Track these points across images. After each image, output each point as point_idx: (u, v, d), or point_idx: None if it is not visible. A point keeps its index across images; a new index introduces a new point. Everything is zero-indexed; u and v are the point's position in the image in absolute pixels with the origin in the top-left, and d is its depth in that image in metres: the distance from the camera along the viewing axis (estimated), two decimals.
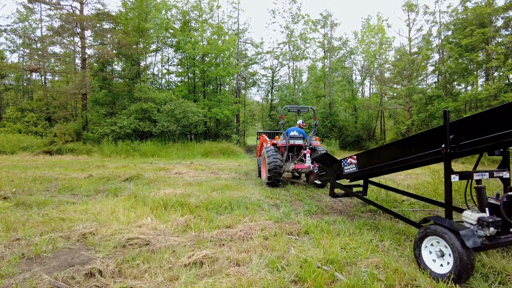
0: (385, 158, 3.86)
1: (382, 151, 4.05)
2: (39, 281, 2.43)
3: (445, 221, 2.76)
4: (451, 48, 17.18)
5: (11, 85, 26.84)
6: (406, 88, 20.51)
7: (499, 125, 2.65)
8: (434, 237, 2.70)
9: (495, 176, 3.27)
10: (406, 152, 3.49)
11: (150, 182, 7.36)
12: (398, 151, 3.69)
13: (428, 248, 2.78)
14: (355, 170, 4.38)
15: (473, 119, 2.93)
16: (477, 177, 3.10)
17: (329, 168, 5.25)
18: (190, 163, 12.51)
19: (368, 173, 4.29)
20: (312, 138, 7.70)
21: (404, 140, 3.66)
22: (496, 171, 3.28)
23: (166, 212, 4.53)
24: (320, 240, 3.43)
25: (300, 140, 7.56)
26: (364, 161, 4.25)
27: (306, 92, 27.72)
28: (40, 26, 25.75)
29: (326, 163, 5.38)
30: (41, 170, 9.37)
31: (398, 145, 3.81)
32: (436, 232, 2.66)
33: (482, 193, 3.05)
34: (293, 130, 7.82)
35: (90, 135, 18.14)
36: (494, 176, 3.27)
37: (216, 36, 23.42)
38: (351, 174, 4.54)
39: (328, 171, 5.29)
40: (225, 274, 2.60)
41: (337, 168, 4.93)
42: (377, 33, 28.26)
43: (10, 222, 3.90)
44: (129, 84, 21.05)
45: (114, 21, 20.35)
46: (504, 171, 3.29)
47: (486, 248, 2.71)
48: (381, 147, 4.06)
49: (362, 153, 4.33)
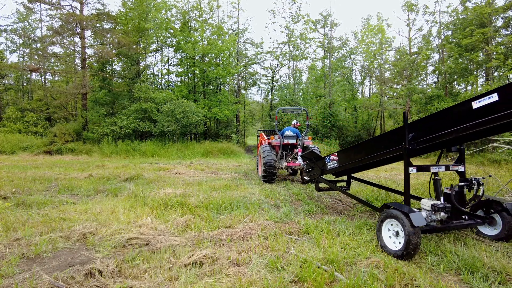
0: (360, 155, 4.32)
1: (358, 148, 4.51)
2: (39, 281, 2.43)
3: (401, 206, 3.22)
4: (451, 48, 17.18)
5: (11, 85, 26.83)
6: (406, 88, 20.51)
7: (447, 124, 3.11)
8: (392, 219, 3.18)
9: (451, 169, 3.75)
10: (377, 149, 3.95)
11: (150, 182, 7.36)
12: (370, 148, 4.13)
13: (387, 229, 3.26)
14: (336, 166, 4.87)
15: (427, 119, 3.37)
16: (434, 170, 3.61)
17: (315, 165, 5.69)
18: (190, 163, 12.51)
19: (347, 168, 4.77)
20: (305, 137, 8.23)
21: (374, 138, 4.21)
22: (452, 165, 3.77)
23: (166, 212, 4.53)
24: (320, 240, 3.43)
25: (294, 139, 8.17)
26: (343, 158, 4.74)
27: (306, 92, 27.71)
28: (40, 26, 25.76)
29: (312, 160, 5.85)
30: (41, 170, 9.37)
31: (370, 143, 4.28)
32: (393, 215, 3.13)
33: (437, 184, 3.60)
34: (288, 129, 8.40)
35: (90, 135, 18.13)
36: (450, 170, 3.75)
37: (216, 36, 23.41)
38: (333, 170, 5.05)
39: (314, 168, 5.73)
40: (225, 274, 2.60)
41: (321, 164, 5.40)
42: (377, 33, 28.26)
43: (10, 222, 3.90)
44: (129, 84, 21.04)
45: (114, 21, 20.34)
46: (459, 166, 3.77)
47: (437, 230, 3.31)
48: (357, 144, 4.55)
49: (341, 150, 4.86)
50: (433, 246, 3.22)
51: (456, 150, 3.79)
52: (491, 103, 2.78)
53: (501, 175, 5.90)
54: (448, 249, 3.09)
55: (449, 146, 3.71)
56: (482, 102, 2.85)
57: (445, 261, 2.86)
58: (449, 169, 3.73)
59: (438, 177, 3.64)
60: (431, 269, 2.78)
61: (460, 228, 3.51)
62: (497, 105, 2.72)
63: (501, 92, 2.71)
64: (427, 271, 2.69)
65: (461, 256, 2.89)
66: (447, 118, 3.15)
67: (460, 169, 3.78)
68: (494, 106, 2.74)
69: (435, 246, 3.24)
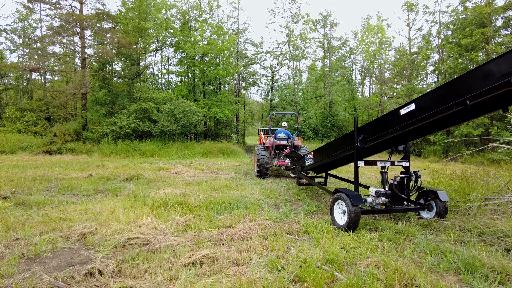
0: (327, 154, 5.20)
1: (326, 147, 5.38)
2: (39, 281, 2.43)
3: (347, 190, 4.04)
4: (450, 48, 17.18)
5: (10, 85, 26.80)
6: (405, 88, 20.51)
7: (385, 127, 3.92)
8: (340, 200, 4.02)
9: (396, 164, 4.57)
10: (339, 148, 4.82)
11: (150, 182, 7.36)
12: (334, 148, 5.00)
13: (337, 208, 4.13)
14: (312, 163, 5.79)
15: (372, 123, 4.24)
16: (380, 164, 4.44)
17: (297, 163, 6.71)
18: (190, 163, 12.51)
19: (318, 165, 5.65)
20: (295, 138, 9.25)
21: (337, 139, 5.05)
22: (398, 161, 4.59)
23: (165, 212, 4.53)
24: (319, 240, 3.43)
25: (285, 141, 9.15)
26: (316, 156, 5.61)
27: (306, 92, 27.72)
28: (40, 26, 25.73)
29: (294, 159, 6.94)
30: (41, 170, 9.36)
31: (334, 143, 5.13)
32: (341, 197, 3.98)
33: (383, 176, 4.47)
34: (280, 132, 9.41)
35: (90, 135, 18.12)
36: (396, 165, 4.57)
37: (216, 35, 23.40)
38: (309, 166, 5.97)
39: (296, 165, 6.77)
40: (224, 274, 2.60)
41: (302, 162, 6.33)
42: (376, 33, 28.27)
43: (10, 222, 3.90)
44: (129, 84, 21.03)
45: (114, 21, 20.32)
46: (404, 161, 4.59)
47: (380, 212, 4.22)
48: (325, 145, 5.47)
49: (315, 150, 5.73)
50: (433, 246, 3.22)
51: (403, 148, 4.57)
52: (411, 111, 3.59)
53: (501, 175, 5.89)
54: (448, 249, 3.09)
55: (393, 145, 4.47)
56: (406, 110, 3.65)
57: (445, 261, 2.86)
58: (394, 164, 4.53)
59: (385, 170, 4.45)
60: (431, 269, 2.78)
61: (401, 211, 4.32)
62: (414, 112, 3.55)
63: (417, 102, 3.55)
64: (427, 271, 2.69)
65: (460, 256, 2.89)
66: (385, 122, 3.98)
67: (404, 165, 4.57)
68: (413, 113, 3.57)
69: (434, 246, 3.24)
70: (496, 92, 2.85)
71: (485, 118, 14.69)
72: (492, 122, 15.22)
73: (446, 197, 4.17)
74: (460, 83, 3.22)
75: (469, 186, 5.42)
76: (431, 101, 3.45)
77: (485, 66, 3.00)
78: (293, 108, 25.21)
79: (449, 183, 5.73)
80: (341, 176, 6.59)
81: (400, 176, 4.41)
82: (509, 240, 3.25)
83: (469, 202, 4.74)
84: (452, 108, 3.18)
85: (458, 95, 3.16)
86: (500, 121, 15.16)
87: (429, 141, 18.28)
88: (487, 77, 2.94)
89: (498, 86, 2.81)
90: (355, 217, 3.69)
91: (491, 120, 15.31)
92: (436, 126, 3.78)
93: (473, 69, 3.14)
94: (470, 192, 5.13)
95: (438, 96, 3.41)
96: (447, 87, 3.35)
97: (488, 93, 2.90)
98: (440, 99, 3.34)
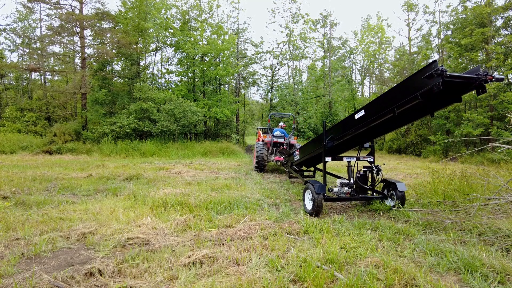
0: (308, 151, 6.18)
1: (306, 146, 6.41)
2: (39, 281, 2.43)
3: (313, 181, 4.84)
4: (450, 47, 17.18)
5: (10, 85, 26.78)
6: None
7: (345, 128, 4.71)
8: (308, 190, 4.86)
9: (361, 160, 5.24)
10: (313, 147, 5.79)
11: (150, 182, 7.36)
12: (311, 146, 6.00)
13: (307, 196, 4.95)
14: (298, 159, 6.85)
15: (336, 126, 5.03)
16: (346, 160, 5.19)
17: (287, 158, 8.04)
18: (190, 162, 12.51)
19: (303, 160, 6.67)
20: (291, 137, 10.48)
21: (313, 139, 6.07)
22: (363, 157, 5.24)
23: (165, 212, 4.53)
24: (319, 239, 3.43)
25: (282, 139, 10.35)
26: (301, 153, 6.65)
27: (306, 91, 27.71)
28: (40, 26, 25.72)
29: (285, 155, 8.26)
30: (41, 169, 9.36)
31: (311, 142, 6.14)
32: (308, 187, 4.82)
33: (349, 169, 5.20)
34: (277, 131, 10.56)
35: (90, 135, 18.11)
36: (361, 160, 5.24)
37: (215, 35, 23.39)
38: (296, 162, 7.08)
39: (287, 161, 8.07)
40: (224, 274, 2.60)
41: (291, 158, 7.58)
42: (376, 33, 28.27)
43: (10, 221, 3.90)
44: (129, 84, 21.01)
45: (114, 21, 20.30)
46: (369, 157, 5.29)
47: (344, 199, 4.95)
48: (308, 143, 6.40)
49: (300, 147, 6.92)
50: (433, 246, 3.22)
51: (368, 145, 5.25)
52: (362, 115, 4.30)
53: (501, 175, 5.89)
54: (448, 249, 3.09)
55: (358, 143, 5.14)
56: (358, 114, 4.37)
57: (445, 261, 2.86)
58: (359, 160, 5.23)
59: (350, 165, 5.21)
60: (431, 268, 2.78)
61: (363, 199, 5.15)
62: (364, 117, 4.25)
63: (365, 109, 4.27)
64: (426, 271, 2.69)
65: (460, 256, 2.89)
66: (345, 125, 4.77)
67: (369, 160, 5.28)
68: (363, 118, 4.28)
69: (434, 245, 3.24)
70: (411, 103, 3.50)
71: (485, 118, 14.71)
72: (492, 122, 15.22)
73: (403, 188, 4.84)
74: (391, 94, 3.88)
75: (469, 186, 5.42)
76: (374, 108, 4.13)
77: (406, 82, 3.67)
78: (293, 108, 25.21)
79: (449, 183, 5.72)
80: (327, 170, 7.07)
81: (363, 169, 5.17)
82: (509, 240, 3.25)
83: (469, 202, 4.74)
84: (386, 115, 3.86)
85: (390, 104, 3.81)
86: (500, 121, 15.16)
87: (429, 141, 18.28)
88: (406, 90, 3.59)
89: (412, 99, 3.45)
90: (318, 203, 4.50)
91: (491, 120, 15.31)
92: (381, 128, 4.56)
93: (399, 83, 3.81)
94: (470, 192, 5.13)
95: (378, 104, 4.08)
96: (384, 96, 4.02)
97: (407, 103, 3.55)
98: (379, 107, 4.03)
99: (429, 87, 3.18)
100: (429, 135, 18.38)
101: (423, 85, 3.29)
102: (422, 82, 3.29)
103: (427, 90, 3.23)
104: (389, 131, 4.73)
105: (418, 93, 3.33)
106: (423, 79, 3.27)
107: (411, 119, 4.22)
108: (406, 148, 19.95)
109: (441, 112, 17.33)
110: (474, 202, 4.57)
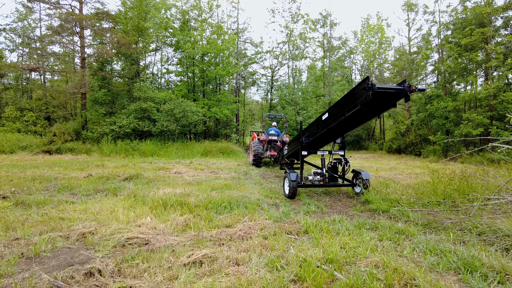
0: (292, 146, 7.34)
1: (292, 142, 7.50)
2: (39, 281, 2.43)
3: (290, 171, 5.78)
4: (450, 47, 17.17)
5: (10, 84, 26.76)
6: None
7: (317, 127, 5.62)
8: (287, 178, 5.81)
9: (333, 153, 6.33)
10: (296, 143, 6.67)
11: (150, 182, 7.36)
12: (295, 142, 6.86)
13: (286, 182, 5.90)
14: (287, 153, 7.97)
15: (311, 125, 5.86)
16: (320, 153, 6.26)
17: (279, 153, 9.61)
18: (190, 162, 12.50)
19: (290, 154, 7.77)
20: (284, 135, 11.87)
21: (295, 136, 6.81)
22: (335, 151, 6.30)
23: (165, 212, 4.53)
24: (319, 239, 3.43)
25: (275, 137, 11.60)
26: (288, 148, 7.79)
27: (306, 91, 27.71)
28: (40, 25, 25.69)
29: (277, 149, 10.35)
30: (40, 169, 9.35)
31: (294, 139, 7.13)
32: (286, 176, 5.79)
33: (322, 161, 6.20)
34: (271, 130, 11.93)
35: (90, 135, 18.10)
36: (333, 154, 6.34)
37: (215, 35, 23.38)
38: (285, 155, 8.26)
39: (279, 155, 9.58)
40: (224, 274, 2.60)
41: (282, 153, 9.08)
42: (376, 33, 28.27)
43: (9, 221, 3.89)
44: (129, 84, 21.01)
45: (114, 21, 20.30)
46: (340, 151, 6.27)
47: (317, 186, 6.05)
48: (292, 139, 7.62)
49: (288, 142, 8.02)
50: (433, 246, 3.22)
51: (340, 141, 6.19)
52: (327, 117, 5.19)
53: (500, 175, 5.89)
54: (448, 249, 3.10)
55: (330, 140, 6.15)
56: (324, 116, 5.25)
57: (445, 261, 2.86)
58: (332, 153, 6.29)
59: (323, 157, 6.23)
60: (431, 268, 2.79)
61: (333, 186, 6.24)
62: (328, 118, 5.18)
63: (329, 111, 5.17)
64: (426, 271, 2.69)
65: (460, 256, 2.89)
66: (316, 124, 5.64)
67: (340, 153, 6.26)
68: (327, 119, 5.20)
69: (434, 245, 3.24)
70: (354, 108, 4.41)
71: (484, 118, 14.72)
72: (491, 122, 15.22)
73: (367, 176, 5.85)
74: (343, 101, 4.78)
75: (468, 186, 5.42)
76: (333, 111, 5.06)
77: (351, 91, 4.49)
78: (292, 108, 25.21)
79: (448, 183, 5.72)
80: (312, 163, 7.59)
81: (333, 161, 6.32)
82: (508, 240, 3.26)
83: (469, 202, 4.74)
84: (340, 117, 4.80)
85: (342, 109, 4.74)
86: (500, 121, 15.17)
87: (429, 141, 18.29)
88: (352, 98, 4.47)
89: (354, 105, 4.39)
90: (292, 188, 5.63)
91: (491, 120, 15.32)
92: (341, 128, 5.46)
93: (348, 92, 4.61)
94: (469, 192, 5.13)
95: (336, 108, 4.98)
96: (340, 101, 4.89)
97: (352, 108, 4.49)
98: (335, 111, 4.97)
99: (364, 97, 4.14)
100: (429, 135, 18.39)
101: (361, 95, 4.21)
102: (361, 93, 4.20)
103: (363, 99, 4.18)
104: (349, 130, 5.72)
105: (358, 101, 4.27)
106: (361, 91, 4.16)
107: (361, 121, 5.24)
108: (406, 148, 19.96)
109: (440, 112, 17.35)
110: (473, 202, 4.57)
